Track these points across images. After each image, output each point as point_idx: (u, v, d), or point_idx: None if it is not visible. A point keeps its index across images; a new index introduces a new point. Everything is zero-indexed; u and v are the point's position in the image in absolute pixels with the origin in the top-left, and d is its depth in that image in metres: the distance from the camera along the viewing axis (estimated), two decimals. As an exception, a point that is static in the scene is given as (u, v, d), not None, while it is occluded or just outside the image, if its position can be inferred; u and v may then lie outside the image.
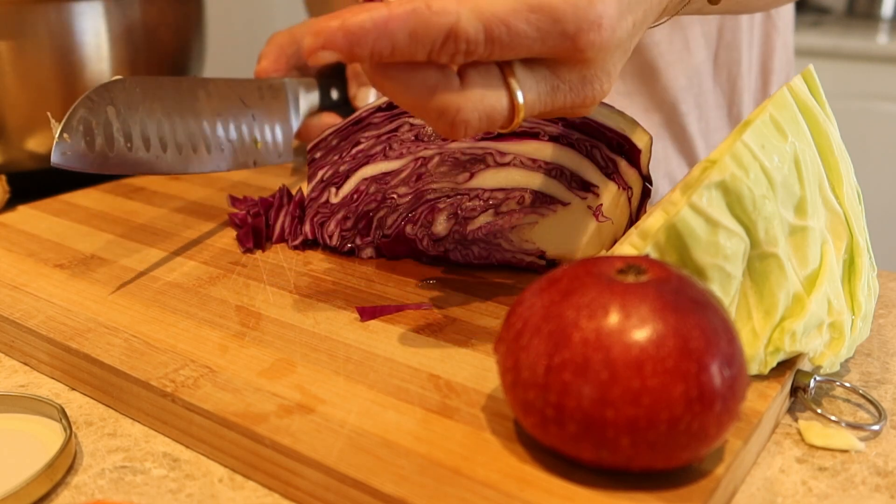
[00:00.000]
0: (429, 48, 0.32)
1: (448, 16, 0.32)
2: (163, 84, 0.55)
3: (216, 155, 0.57)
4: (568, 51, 0.34)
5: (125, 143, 0.51)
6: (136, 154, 0.52)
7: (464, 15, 0.32)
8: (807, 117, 0.39)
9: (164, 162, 0.53)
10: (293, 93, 0.66)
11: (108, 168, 0.50)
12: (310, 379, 0.38)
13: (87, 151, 0.49)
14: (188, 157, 0.55)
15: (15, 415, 0.39)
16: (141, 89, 0.53)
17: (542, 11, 0.33)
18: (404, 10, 0.31)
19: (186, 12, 0.77)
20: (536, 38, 0.33)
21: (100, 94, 0.50)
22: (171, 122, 0.54)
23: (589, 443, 0.30)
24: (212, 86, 0.58)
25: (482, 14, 0.32)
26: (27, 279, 0.50)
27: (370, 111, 0.52)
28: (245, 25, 1.72)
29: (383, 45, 0.32)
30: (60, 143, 0.47)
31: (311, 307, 0.46)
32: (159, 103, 0.54)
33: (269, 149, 0.62)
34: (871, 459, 0.36)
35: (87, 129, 0.49)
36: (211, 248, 0.55)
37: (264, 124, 0.62)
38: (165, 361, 0.40)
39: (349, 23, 0.31)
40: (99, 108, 0.50)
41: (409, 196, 0.51)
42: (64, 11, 0.65)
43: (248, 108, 0.60)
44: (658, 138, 0.78)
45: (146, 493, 0.34)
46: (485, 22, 0.32)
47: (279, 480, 0.34)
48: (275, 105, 0.63)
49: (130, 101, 0.52)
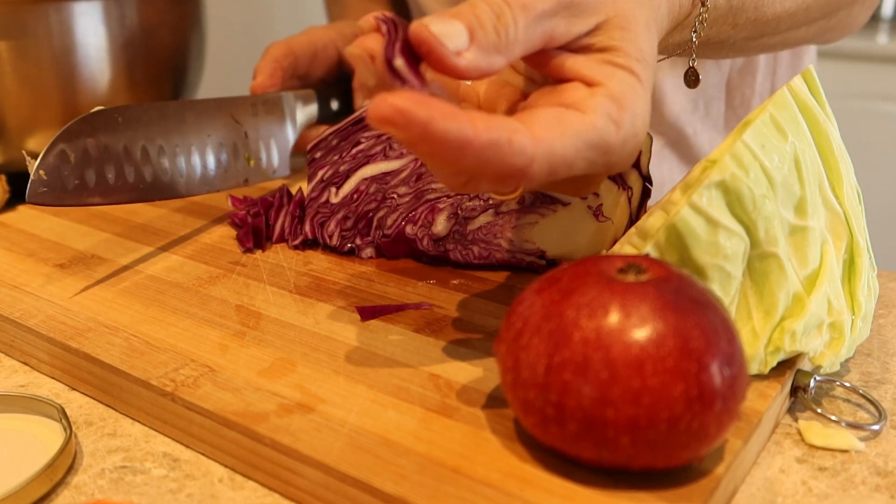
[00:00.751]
0: (491, 176, 0.33)
1: (523, 157, 0.32)
2: (147, 110, 0.54)
3: (205, 176, 0.57)
4: (601, 167, 0.35)
5: (106, 176, 0.51)
6: (118, 184, 0.51)
7: (537, 159, 0.32)
8: (807, 117, 0.39)
9: (148, 189, 0.53)
10: (290, 106, 0.66)
11: (88, 201, 0.50)
12: (310, 378, 0.38)
13: (64, 187, 0.49)
14: (174, 180, 0.55)
15: (15, 415, 0.39)
16: (123, 118, 0.52)
17: (598, 149, 0.34)
18: (487, 140, 0.31)
19: (186, 12, 0.77)
20: (585, 168, 0.34)
21: (79, 126, 0.50)
22: (156, 149, 0.54)
23: (589, 442, 0.30)
24: (200, 107, 0.58)
25: (552, 158, 0.33)
26: (27, 279, 0.50)
27: (370, 111, 0.52)
28: (245, 25, 1.72)
29: (452, 156, 0.31)
30: (36, 181, 0.47)
31: (311, 307, 0.46)
32: (143, 130, 0.53)
33: (262, 166, 0.62)
34: (871, 459, 0.36)
35: (63, 164, 0.48)
36: (211, 248, 0.55)
37: (258, 141, 0.61)
38: (165, 361, 0.40)
39: (435, 127, 0.30)
40: (77, 141, 0.49)
41: (410, 196, 0.51)
42: (64, 11, 0.65)
43: (241, 125, 0.60)
44: (663, 159, 0.79)
45: (146, 493, 0.34)
46: (552, 165, 0.33)
47: (279, 480, 0.34)
48: (270, 120, 0.63)
49: (111, 131, 0.51)
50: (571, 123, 0.33)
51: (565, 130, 0.33)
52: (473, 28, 0.33)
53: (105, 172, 0.51)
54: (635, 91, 0.35)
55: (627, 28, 0.36)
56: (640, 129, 0.35)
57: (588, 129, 0.33)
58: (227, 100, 0.60)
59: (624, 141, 0.34)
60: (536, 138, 0.33)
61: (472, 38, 0.33)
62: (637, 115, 0.35)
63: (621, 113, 0.34)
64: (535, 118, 0.34)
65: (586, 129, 0.33)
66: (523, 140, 0.32)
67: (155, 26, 0.72)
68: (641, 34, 0.36)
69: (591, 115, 0.34)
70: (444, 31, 0.32)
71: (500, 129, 0.32)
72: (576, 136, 0.33)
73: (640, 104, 0.35)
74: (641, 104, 0.35)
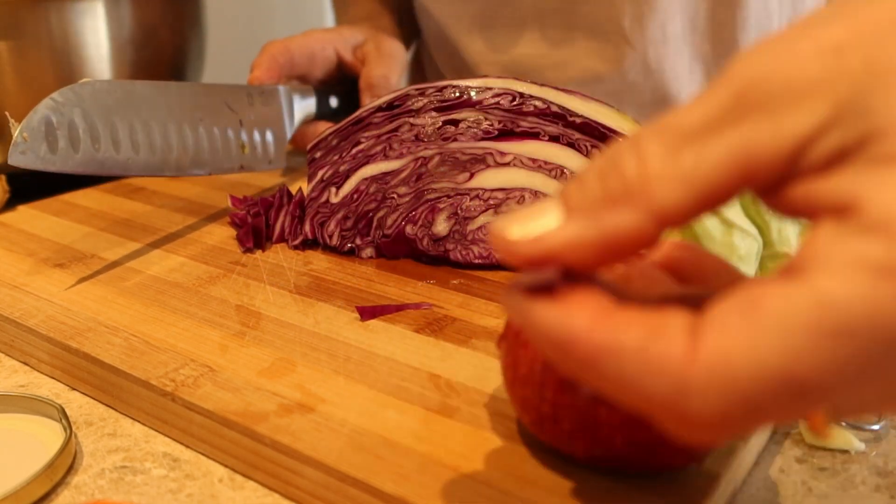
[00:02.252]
0: (632, 400, 0.22)
1: (668, 382, 0.20)
2: (139, 88, 0.54)
3: (196, 159, 0.57)
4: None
5: (92, 145, 0.50)
6: (105, 155, 0.51)
7: (698, 385, 0.20)
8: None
9: (136, 164, 0.53)
10: (287, 99, 0.66)
11: (72, 167, 0.49)
12: (310, 378, 0.38)
13: (49, 152, 0.48)
14: (164, 160, 0.55)
15: (15, 415, 0.39)
16: (113, 92, 0.52)
17: (850, 335, 0.19)
18: (599, 343, 0.21)
19: (186, 12, 0.77)
20: (855, 369, 0.20)
21: (65, 95, 0.50)
22: (145, 125, 0.54)
23: (583, 441, 0.30)
24: (195, 90, 0.58)
25: (735, 383, 0.19)
26: (27, 279, 0.50)
27: (370, 111, 0.52)
28: (245, 25, 1.72)
29: (557, 357, 0.22)
30: (19, 143, 0.47)
31: (311, 307, 0.46)
32: (134, 106, 0.53)
33: (257, 154, 0.62)
34: (871, 459, 0.36)
35: (48, 129, 0.48)
36: (211, 248, 0.55)
37: (253, 129, 0.61)
38: (165, 361, 0.40)
39: (531, 314, 0.22)
40: (64, 108, 0.49)
41: (410, 196, 0.51)
42: (64, 11, 0.65)
43: (235, 113, 0.60)
44: None
45: (146, 493, 0.34)
46: (739, 393, 0.19)
47: (279, 480, 0.34)
48: (266, 111, 0.63)
49: (100, 102, 0.51)
50: (773, 306, 0.19)
51: (760, 323, 0.19)
52: (567, 193, 0.22)
53: (91, 142, 0.50)
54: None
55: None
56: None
57: (812, 308, 0.18)
58: (222, 86, 0.60)
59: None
60: (697, 349, 0.20)
61: (566, 203, 0.22)
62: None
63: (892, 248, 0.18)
64: (712, 312, 0.20)
65: (807, 307, 0.18)
66: (667, 349, 0.20)
67: (155, 26, 0.72)
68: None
69: (822, 276, 0.19)
70: (524, 224, 0.22)
71: (630, 328, 0.21)
72: (782, 327, 0.19)
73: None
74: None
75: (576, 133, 0.48)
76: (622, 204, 0.21)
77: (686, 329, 0.20)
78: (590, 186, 0.21)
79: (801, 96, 0.19)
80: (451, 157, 0.50)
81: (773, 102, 0.20)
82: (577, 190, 0.22)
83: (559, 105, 0.49)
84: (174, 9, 0.74)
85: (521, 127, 0.49)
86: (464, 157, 0.50)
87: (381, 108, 0.52)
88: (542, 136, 0.49)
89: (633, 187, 0.20)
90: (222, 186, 0.68)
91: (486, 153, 0.49)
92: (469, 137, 0.50)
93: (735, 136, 0.20)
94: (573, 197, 0.22)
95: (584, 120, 0.48)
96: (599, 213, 0.21)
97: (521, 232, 0.22)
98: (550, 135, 0.49)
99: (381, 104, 0.52)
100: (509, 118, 0.49)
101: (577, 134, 0.48)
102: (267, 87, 0.64)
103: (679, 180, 0.20)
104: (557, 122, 0.49)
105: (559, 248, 0.21)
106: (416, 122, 0.51)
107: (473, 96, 0.50)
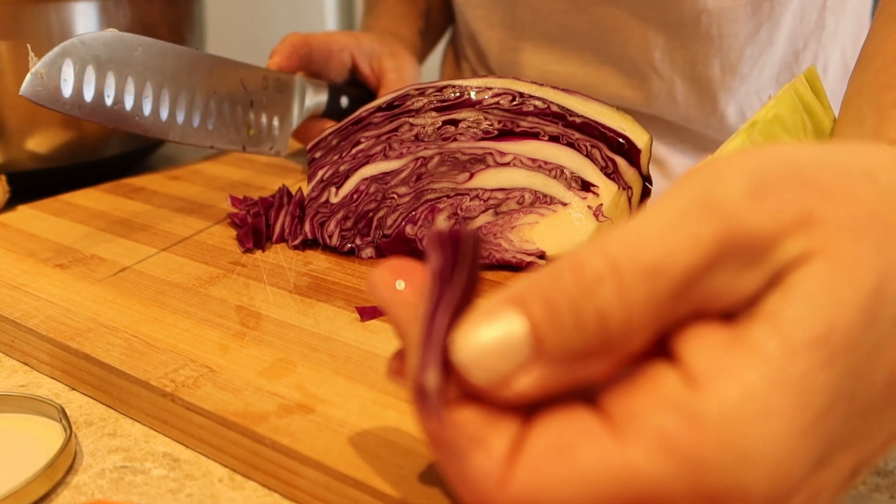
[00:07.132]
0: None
1: (479, 489, 0.21)
2: (163, 49, 0.54)
3: (202, 129, 0.57)
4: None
5: (104, 94, 0.51)
6: (114, 108, 0.51)
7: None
8: (810, 116, 0.39)
9: (142, 122, 0.53)
10: (301, 90, 0.66)
11: (79, 113, 0.50)
12: (310, 378, 0.38)
13: (60, 93, 0.49)
14: (171, 123, 0.55)
15: (15, 415, 0.39)
16: (136, 47, 0.52)
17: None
18: (443, 439, 0.21)
19: (186, 12, 0.77)
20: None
21: (88, 41, 0.50)
22: (159, 86, 0.54)
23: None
24: (214, 62, 0.58)
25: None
26: (27, 279, 0.50)
27: (370, 111, 0.52)
28: (245, 25, 1.72)
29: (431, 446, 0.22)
30: (35, 77, 0.47)
31: (311, 307, 0.46)
32: (152, 65, 0.54)
33: (261, 138, 0.62)
34: (872, 459, 0.36)
35: (65, 70, 0.49)
36: (211, 248, 0.55)
37: (262, 112, 0.62)
38: (165, 361, 0.40)
39: (422, 417, 0.22)
40: (85, 53, 0.49)
41: (410, 196, 0.51)
42: (64, 11, 0.65)
43: (249, 92, 0.60)
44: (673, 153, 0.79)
45: (146, 493, 0.34)
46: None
47: (279, 480, 0.34)
48: (278, 97, 0.63)
49: (120, 55, 0.51)
50: (586, 459, 0.20)
51: (570, 474, 0.20)
52: (539, 324, 0.20)
53: (104, 93, 0.51)
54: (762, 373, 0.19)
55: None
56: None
57: (618, 477, 0.19)
58: (241, 65, 0.60)
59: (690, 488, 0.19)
60: (510, 478, 0.20)
61: (538, 343, 0.20)
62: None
63: (700, 433, 0.19)
64: (532, 441, 0.21)
65: (615, 473, 0.19)
66: (484, 466, 0.21)
67: (154, 26, 0.72)
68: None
69: (629, 442, 0.19)
70: (483, 350, 0.20)
71: (465, 434, 0.21)
72: (588, 484, 0.19)
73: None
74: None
75: (576, 133, 0.48)
76: (601, 356, 0.20)
77: (509, 447, 0.21)
78: (565, 328, 0.20)
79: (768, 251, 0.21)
80: (450, 157, 0.50)
81: (753, 253, 0.20)
82: (552, 327, 0.20)
83: (559, 105, 0.49)
84: (174, 9, 0.74)
85: (521, 127, 0.49)
86: (464, 157, 0.50)
87: (380, 108, 0.52)
88: (542, 136, 0.49)
89: (615, 340, 0.20)
90: (222, 186, 0.68)
91: (486, 153, 0.49)
92: (469, 137, 0.50)
93: (708, 285, 0.20)
94: (547, 335, 0.20)
95: (584, 120, 0.48)
96: (576, 364, 0.20)
97: (476, 344, 0.20)
98: (550, 135, 0.49)
99: (381, 104, 0.52)
100: (509, 118, 0.49)
101: (577, 134, 0.48)
102: (284, 74, 0.64)
103: (646, 330, 0.20)
104: (557, 121, 0.49)
105: (523, 392, 0.20)
106: (416, 122, 0.51)
107: (473, 96, 0.50)
